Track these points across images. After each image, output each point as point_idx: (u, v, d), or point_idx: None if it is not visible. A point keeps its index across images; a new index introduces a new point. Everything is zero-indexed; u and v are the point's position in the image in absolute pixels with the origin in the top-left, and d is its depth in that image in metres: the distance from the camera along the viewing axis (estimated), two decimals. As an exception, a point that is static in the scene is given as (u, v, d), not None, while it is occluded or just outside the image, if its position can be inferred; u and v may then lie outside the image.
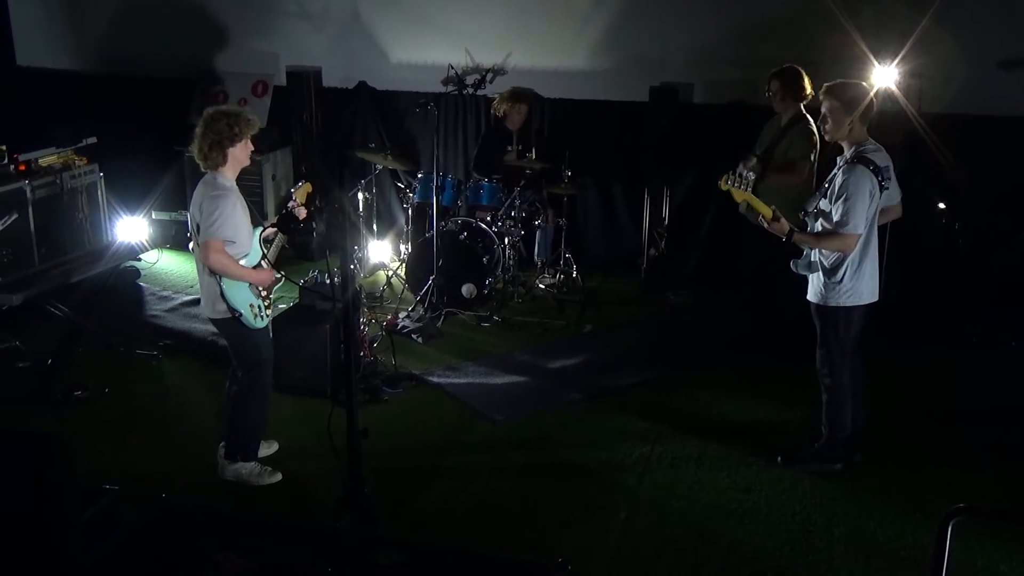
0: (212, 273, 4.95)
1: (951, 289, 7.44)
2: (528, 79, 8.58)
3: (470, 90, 8.22)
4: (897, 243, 6.95)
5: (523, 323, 7.63)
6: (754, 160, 6.45)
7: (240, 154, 5.00)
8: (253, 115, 5.09)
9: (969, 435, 5.89)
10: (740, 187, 5.15)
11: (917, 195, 6.41)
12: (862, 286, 5.13)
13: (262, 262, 5.11)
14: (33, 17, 9.83)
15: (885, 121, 6.86)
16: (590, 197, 8.83)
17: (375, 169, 8.64)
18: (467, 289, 7.73)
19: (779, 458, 5.51)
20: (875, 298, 5.22)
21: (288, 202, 5.24)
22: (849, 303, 5.14)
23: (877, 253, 5.20)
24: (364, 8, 9.01)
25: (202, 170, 5.02)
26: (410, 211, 8.37)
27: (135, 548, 3.04)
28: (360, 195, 8.44)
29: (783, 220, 5.11)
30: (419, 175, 8.34)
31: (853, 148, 5.06)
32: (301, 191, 5.30)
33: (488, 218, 7.95)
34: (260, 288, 5.08)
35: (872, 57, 6.79)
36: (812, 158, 6.44)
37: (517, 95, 8.30)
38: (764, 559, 4.67)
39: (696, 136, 8.15)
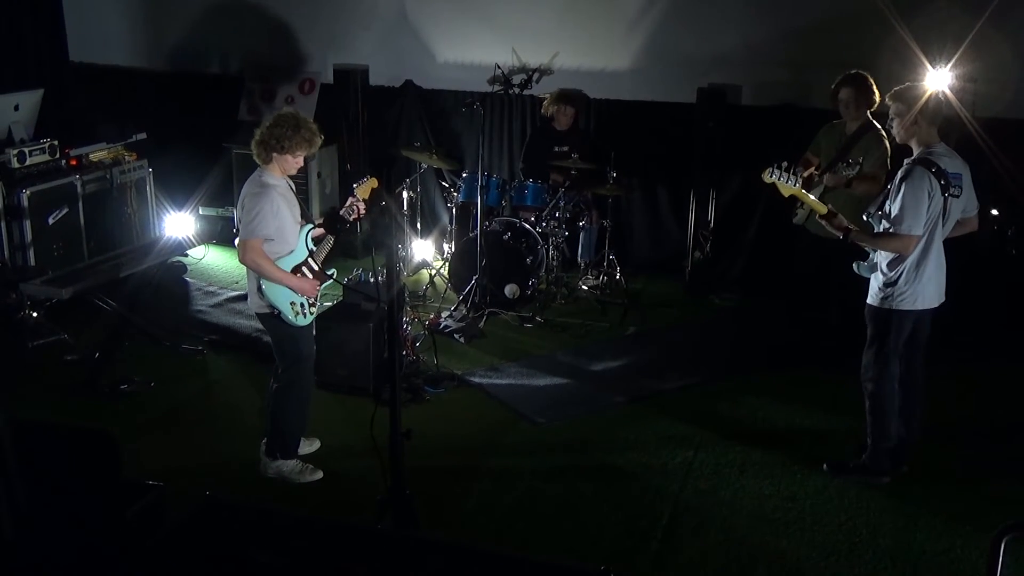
0: None
1: (1002, 298, 7.30)
2: (575, 79, 8.55)
3: (516, 90, 8.21)
4: (947, 250, 6.82)
5: (566, 324, 7.60)
6: (857, 168, 6.18)
7: (285, 163, 5.01)
8: (316, 136, 5.04)
9: (1022, 448, 5.76)
10: (787, 182, 5.05)
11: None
12: (919, 291, 5.02)
13: (309, 259, 5.12)
14: (86, 13, 9.96)
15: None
16: (635, 198, 8.78)
17: (420, 168, 8.66)
18: (510, 289, 7.72)
19: (824, 466, 5.44)
20: (934, 305, 5.11)
21: (349, 199, 5.23)
22: (903, 307, 5.04)
23: (942, 260, 5.09)
24: (412, 7, 9.02)
25: (255, 160, 5.06)
26: (454, 210, 8.38)
27: (179, 545, 3.05)
28: (405, 194, 8.46)
29: (840, 217, 5.03)
30: (464, 174, 8.36)
31: (920, 149, 4.97)
32: (365, 187, 5.30)
33: (532, 218, 7.94)
34: (302, 289, 5.09)
35: (925, 60, 6.68)
36: (888, 165, 6.30)
37: (564, 97, 8.28)
38: (808, 570, 4.60)
39: (744, 138, 8.07)
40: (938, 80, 6.50)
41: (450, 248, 8.43)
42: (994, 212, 7.35)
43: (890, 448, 5.29)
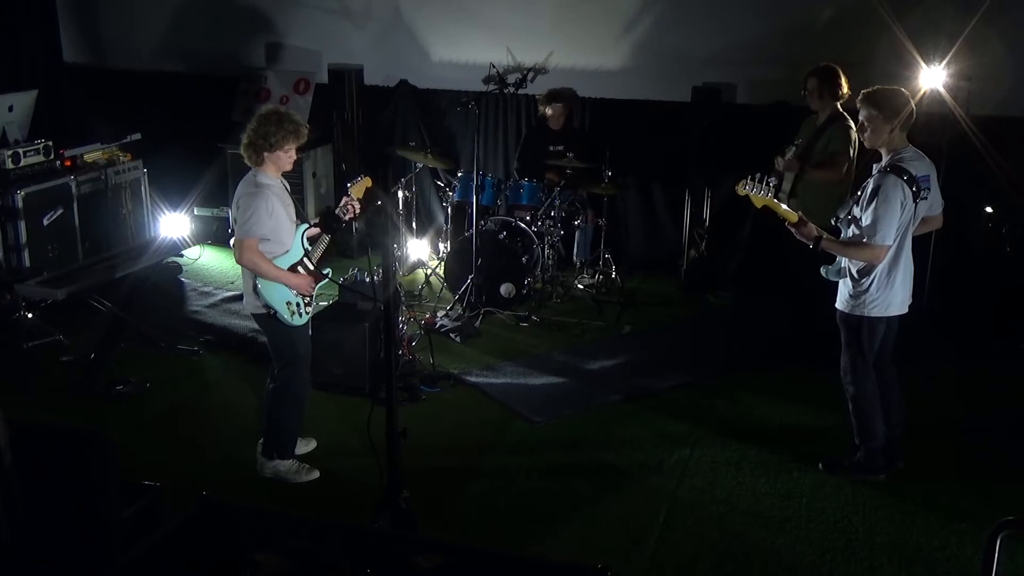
0: None
1: (998, 295, 7.31)
2: (569, 78, 8.55)
3: (511, 89, 8.19)
4: (942, 248, 6.85)
5: (562, 323, 7.60)
6: (792, 150, 6.45)
7: (278, 160, 4.99)
8: (301, 126, 5.00)
9: (1018, 445, 5.77)
10: (760, 192, 5.06)
11: (963, 198, 6.32)
12: (890, 298, 5.02)
13: (304, 259, 5.12)
14: (80, 15, 9.95)
15: (932, 123, 6.76)
16: (630, 197, 8.79)
17: (415, 167, 8.66)
18: (506, 288, 7.72)
19: (820, 464, 5.44)
20: (903, 311, 5.11)
21: (343, 198, 5.22)
22: (874, 314, 5.04)
23: (910, 265, 5.08)
24: (406, 6, 9.02)
25: (246, 164, 5.05)
26: (449, 210, 8.38)
27: (175, 546, 3.05)
28: (400, 193, 8.46)
29: (810, 225, 5.01)
30: (459, 174, 8.36)
31: (890, 155, 4.95)
32: (359, 186, 5.28)
33: (527, 218, 7.94)
34: (299, 287, 5.09)
35: (919, 58, 6.69)
36: (851, 154, 6.38)
37: (553, 95, 8.30)
38: (804, 567, 4.61)
39: (738, 136, 8.07)
40: (931, 78, 6.52)
41: (446, 247, 8.42)
42: (988, 209, 7.37)
43: (880, 447, 5.29)
